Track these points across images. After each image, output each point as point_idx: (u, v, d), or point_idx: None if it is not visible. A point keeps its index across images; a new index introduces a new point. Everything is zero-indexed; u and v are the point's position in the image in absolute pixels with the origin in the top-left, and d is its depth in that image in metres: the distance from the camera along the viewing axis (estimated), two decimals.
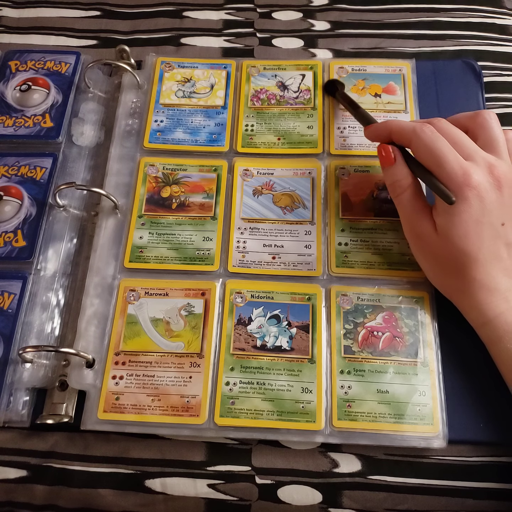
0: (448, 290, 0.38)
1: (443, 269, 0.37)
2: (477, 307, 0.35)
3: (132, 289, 0.41)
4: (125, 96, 0.49)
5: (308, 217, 0.43)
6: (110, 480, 0.37)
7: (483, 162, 0.35)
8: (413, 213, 0.37)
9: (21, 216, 0.43)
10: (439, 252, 0.36)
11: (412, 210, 0.37)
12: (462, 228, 0.34)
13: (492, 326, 0.35)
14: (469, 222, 0.34)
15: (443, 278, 0.37)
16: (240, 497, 0.36)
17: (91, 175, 0.46)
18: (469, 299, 0.36)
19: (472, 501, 0.35)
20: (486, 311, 0.35)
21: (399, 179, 0.37)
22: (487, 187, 0.34)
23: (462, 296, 0.36)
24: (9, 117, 0.47)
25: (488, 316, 0.35)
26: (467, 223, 0.34)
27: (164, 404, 0.37)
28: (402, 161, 0.37)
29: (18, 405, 0.37)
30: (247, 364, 0.38)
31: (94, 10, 0.56)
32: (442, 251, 0.36)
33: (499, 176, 0.34)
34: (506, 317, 0.34)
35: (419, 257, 0.38)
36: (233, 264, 0.41)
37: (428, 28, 0.53)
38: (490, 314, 0.35)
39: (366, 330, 0.39)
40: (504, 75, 0.50)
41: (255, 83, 0.49)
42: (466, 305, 0.37)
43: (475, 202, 0.34)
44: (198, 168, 0.45)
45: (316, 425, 0.36)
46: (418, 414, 0.36)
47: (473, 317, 0.36)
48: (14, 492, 0.36)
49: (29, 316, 0.40)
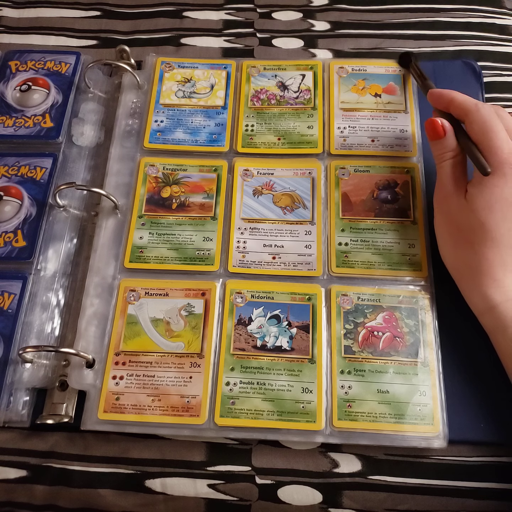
0: (457, 266, 0.38)
1: (459, 240, 0.37)
2: (481, 291, 0.35)
3: (132, 289, 0.41)
4: (125, 96, 0.49)
5: (308, 217, 0.43)
6: (110, 480, 0.37)
7: None
8: (450, 179, 0.38)
9: (21, 216, 0.43)
10: (461, 220, 0.36)
11: (451, 176, 0.38)
12: (489, 201, 0.35)
13: (496, 313, 0.35)
14: (498, 198, 0.35)
15: (456, 251, 0.37)
16: (240, 497, 0.36)
17: (91, 175, 0.46)
18: (475, 279, 0.36)
19: (472, 501, 0.35)
20: (490, 296, 0.35)
21: (447, 151, 0.38)
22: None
23: (470, 275, 0.36)
24: (9, 117, 0.47)
25: (492, 302, 0.35)
26: (495, 198, 0.35)
27: (164, 404, 0.37)
28: (452, 134, 0.38)
29: (18, 405, 0.37)
30: (247, 364, 0.38)
31: (94, 10, 0.56)
32: (464, 220, 0.36)
33: None
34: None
35: (441, 224, 0.39)
36: (233, 264, 0.41)
37: (428, 28, 0.53)
38: (497, 299, 0.35)
39: (367, 330, 0.39)
40: (504, 75, 0.50)
41: (255, 83, 0.49)
42: (471, 287, 0.36)
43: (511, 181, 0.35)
44: (198, 168, 0.45)
45: (316, 425, 0.36)
46: (419, 414, 0.36)
47: (475, 302, 0.36)
48: (14, 492, 0.36)
49: (29, 316, 0.40)
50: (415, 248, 0.41)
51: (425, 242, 0.41)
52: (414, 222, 0.42)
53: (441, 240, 0.39)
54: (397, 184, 0.44)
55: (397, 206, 0.43)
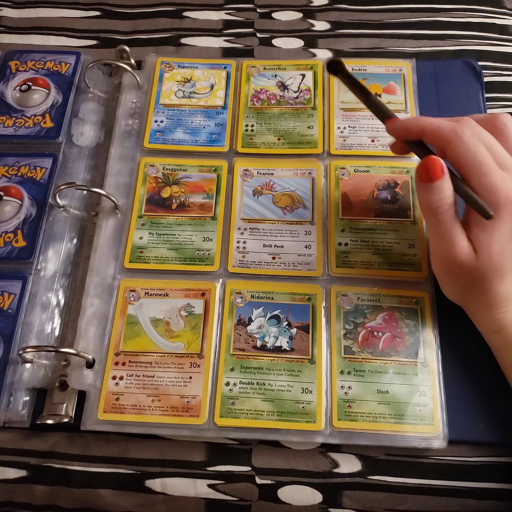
0: (466, 303, 0.37)
1: (468, 285, 0.35)
2: (492, 315, 0.35)
3: (132, 289, 0.41)
4: (125, 96, 0.49)
5: (308, 217, 0.43)
6: (110, 480, 0.37)
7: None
8: (453, 235, 0.33)
9: (21, 216, 0.43)
10: (472, 271, 0.34)
11: (452, 231, 0.33)
12: (501, 243, 0.33)
13: (505, 333, 0.35)
14: (506, 237, 0.33)
15: (464, 293, 0.36)
16: (240, 497, 0.36)
17: (91, 175, 0.46)
18: (486, 309, 0.35)
19: (472, 501, 0.35)
20: (500, 320, 0.35)
21: (446, 196, 0.33)
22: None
23: (480, 307, 0.36)
24: (9, 117, 0.47)
25: (501, 324, 0.35)
26: (504, 238, 0.33)
27: (164, 405, 0.37)
28: (449, 175, 0.33)
29: (18, 405, 0.37)
30: (247, 365, 0.38)
31: (94, 10, 0.56)
32: (475, 269, 0.33)
33: None
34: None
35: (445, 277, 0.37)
36: (233, 264, 0.41)
37: (428, 28, 0.53)
38: (505, 322, 0.35)
39: (366, 330, 0.39)
40: (504, 75, 0.50)
41: (255, 83, 0.49)
42: (480, 313, 0.36)
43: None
44: (198, 169, 0.45)
45: (316, 426, 0.36)
46: (418, 415, 0.36)
47: (485, 324, 0.36)
48: (14, 492, 0.36)
49: (29, 316, 0.40)
50: (415, 248, 0.41)
51: (425, 242, 0.41)
52: (414, 222, 0.42)
53: (444, 285, 0.37)
54: (397, 184, 0.44)
55: (397, 206, 0.43)
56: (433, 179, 0.33)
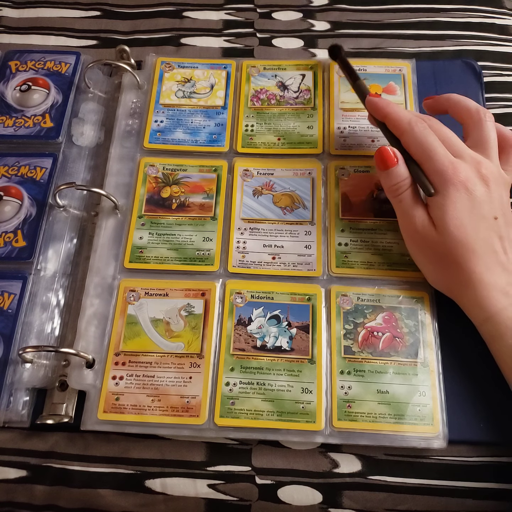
0: (449, 287, 0.38)
1: (443, 264, 0.37)
2: (478, 303, 0.35)
3: (132, 289, 0.41)
4: (125, 96, 0.49)
5: (308, 218, 0.43)
6: (110, 480, 0.37)
7: (470, 159, 0.36)
8: (413, 211, 0.37)
9: (21, 216, 0.43)
10: (438, 246, 0.36)
11: (413, 208, 0.37)
12: (457, 218, 0.35)
13: (494, 321, 0.35)
14: (463, 213, 0.35)
15: (443, 274, 0.37)
16: (240, 497, 0.36)
17: (91, 175, 0.46)
18: (470, 294, 0.36)
19: (472, 501, 0.35)
20: (487, 307, 0.35)
21: (402, 179, 0.37)
22: (476, 181, 0.35)
23: (463, 291, 0.36)
24: (9, 117, 0.47)
25: (489, 311, 0.35)
26: (461, 213, 0.35)
27: (164, 405, 0.37)
28: (402, 160, 0.38)
29: (18, 405, 0.37)
30: (247, 365, 0.38)
31: (94, 10, 0.56)
32: (441, 244, 0.36)
33: (486, 174, 0.36)
34: (508, 313, 0.34)
35: (419, 256, 0.38)
36: (233, 264, 0.41)
37: (428, 28, 0.53)
38: (492, 309, 0.35)
39: (366, 331, 0.39)
40: (504, 75, 0.50)
41: (255, 83, 0.49)
42: (467, 301, 0.36)
43: (466, 195, 0.35)
44: (198, 169, 0.45)
45: (316, 426, 0.36)
46: (418, 415, 0.36)
47: (474, 313, 0.36)
48: (14, 492, 0.36)
49: (29, 316, 0.40)
50: None
51: None
52: None
53: (424, 269, 0.39)
54: None
55: None
56: (388, 166, 0.37)
